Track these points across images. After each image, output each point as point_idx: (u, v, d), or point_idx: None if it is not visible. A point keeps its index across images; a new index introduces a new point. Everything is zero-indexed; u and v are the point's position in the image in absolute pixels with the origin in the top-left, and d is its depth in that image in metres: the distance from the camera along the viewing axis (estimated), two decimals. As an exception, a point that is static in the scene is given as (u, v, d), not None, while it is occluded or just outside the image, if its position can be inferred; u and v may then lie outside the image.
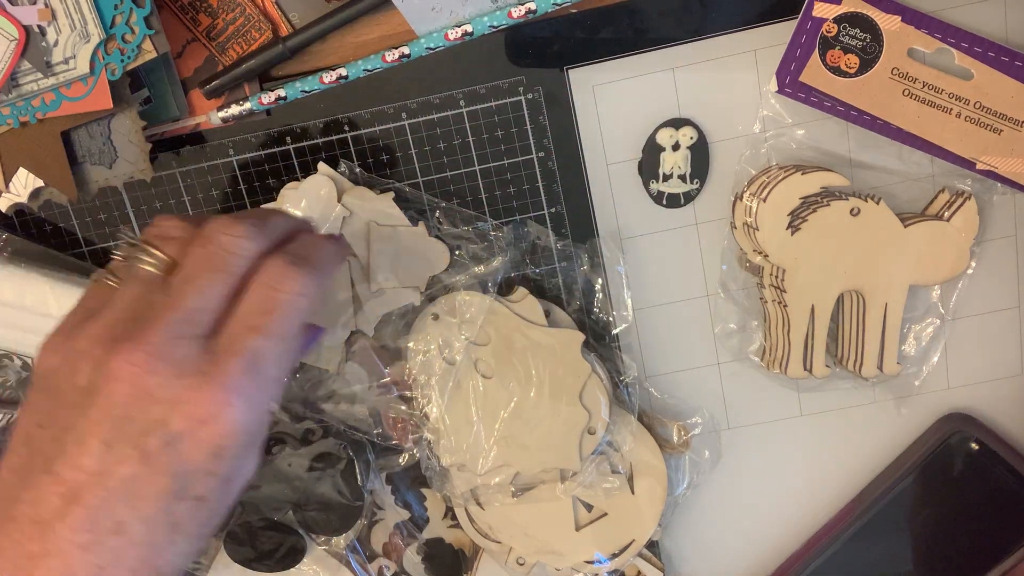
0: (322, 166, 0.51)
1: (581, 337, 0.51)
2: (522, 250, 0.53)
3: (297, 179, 0.52)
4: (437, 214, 0.52)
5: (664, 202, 0.52)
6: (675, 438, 0.54)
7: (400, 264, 0.51)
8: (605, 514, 0.54)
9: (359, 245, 0.51)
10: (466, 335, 0.51)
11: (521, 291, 0.52)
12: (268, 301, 0.37)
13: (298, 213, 0.50)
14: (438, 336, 0.52)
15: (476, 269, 0.52)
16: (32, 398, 0.37)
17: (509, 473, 0.52)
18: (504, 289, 0.53)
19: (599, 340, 0.54)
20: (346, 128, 0.51)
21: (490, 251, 0.52)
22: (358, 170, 0.52)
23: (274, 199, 0.52)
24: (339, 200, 0.51)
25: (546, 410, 0.51)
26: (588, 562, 0.54)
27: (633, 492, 0.53)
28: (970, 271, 0.52)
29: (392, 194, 0.51)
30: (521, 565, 0.54)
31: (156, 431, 0.35)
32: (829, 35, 0.47)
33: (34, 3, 0.45)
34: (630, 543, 0.54)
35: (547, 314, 0.52)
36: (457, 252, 0.52)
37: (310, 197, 0.50)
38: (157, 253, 0.38)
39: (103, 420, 0.35)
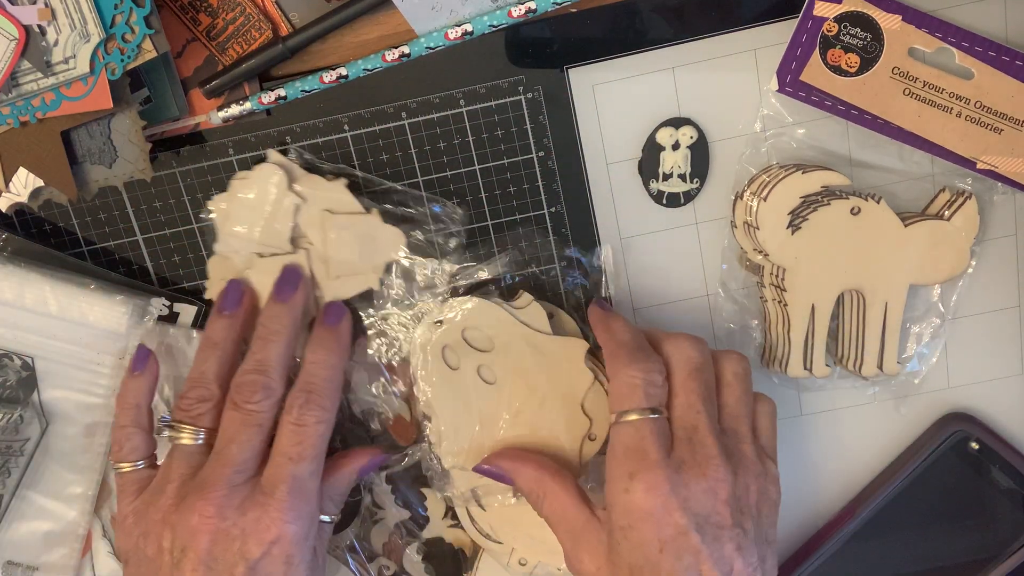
0: (272, 154, 0.51)
1: (585, 346, 0.51)
2: (523, 251, 0.53)
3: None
4: (392, 198, 0.52)
5: (664, 201, 0.52)
6: None
7: (356, 250, 0.51)
8: None
9: (314, 233, 0.51)
10: (469, 341, 0.51)
11: (525, 296, 0.52)
12: (295, 434, 0.47)
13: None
14: (442, 340, 0.51)
15: (434, 258, 0.52)
16: (128, 574, 0.48)
17: None
18: (507, 293, 0.53)
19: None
20: (346, 128, 0.51)
21: (446, 231, 0.52)
22: (307, 156, 0.52)
23: (274, 199, 0.52)
24: (291, 188, 0.51)
25: (548, 417, 0.51)
26: None
27: None
28: (970, 271, 0.52)
29: (344, 180, 0.51)
30: (523, 565, 0.54)
31: (240, 561, 0.45)
32: (830, 34, 0.47)
33: (34, 3, 0.45)
34: None
35: (551, 317, 0.52)
36: (413, 235, 0.52)
37: (261, 186, 0.51)
38: (196, 429, 0.48)
39: (197, 567, 0.45)
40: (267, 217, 0.51)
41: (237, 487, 0.46)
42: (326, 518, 0.50)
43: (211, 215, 0.52)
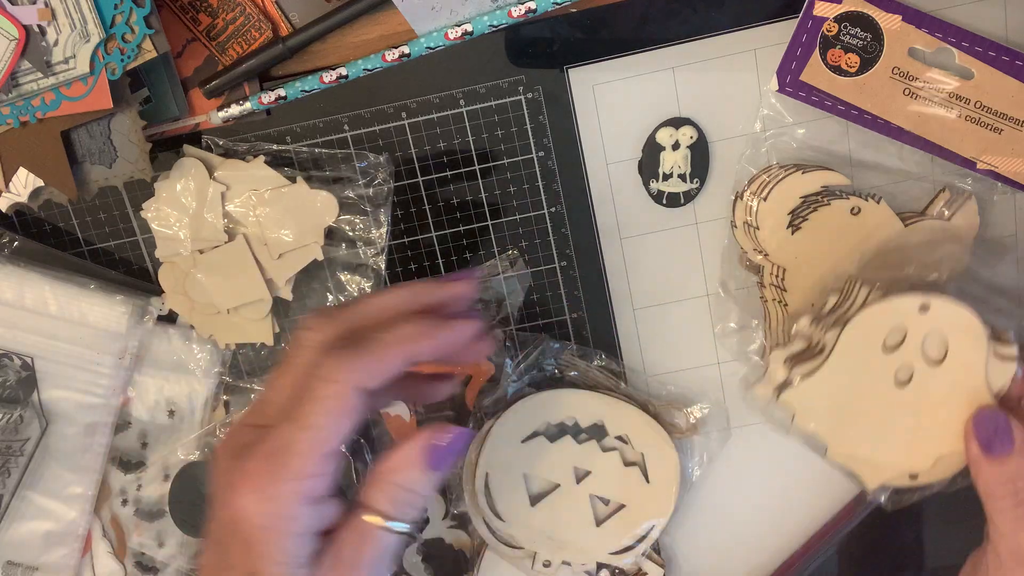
0: (187, 148, 0.51)
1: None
2: (523, 251, 0.53)
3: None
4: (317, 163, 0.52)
5: (664, 201, 0.52)
6: (683, 423, 0.54)
7: (291, 222, 0.51)
8: (623, 506, 0.54)
9: (246, 215, 0.51)
10: None
11: None
12: (308, 390, 0.36)
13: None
14: None
15: (364, 193, 0.52)
16: None
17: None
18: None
19: (600, 338, 0.54)
20: (346, 128, 0.51)
21: (375, 183, 0.52)
22: (221, 142, 0.51)
23: (274, 199, 0.52)
24: (212, 177, 0.51)
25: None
26: (614, 553, 0.54)
27: (648, 480, 0.53)
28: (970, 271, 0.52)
29: (262, 157, 0.51)
30: (547, 567, 0.54)
31: (227, 523, 0.36)
32: (830, 34, 0.47)
33: (34, 3, 0.45)
34: (651, 528, 0.54)
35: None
36: (343, 195, 0.52)
37: (182, 183, 0.51)
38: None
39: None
40: (195, 211, 0.51)
41: (244, 427, 0.38)
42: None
43: (154, 224, 0.52)
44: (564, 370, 0.54)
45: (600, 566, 0.55)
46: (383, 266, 0.53)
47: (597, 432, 0.54)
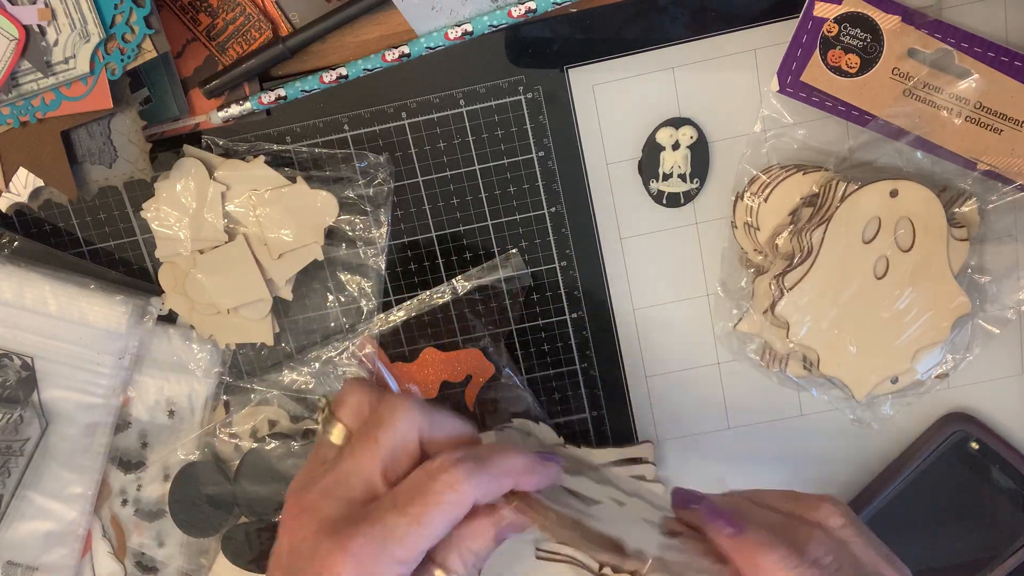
0: (187, 148, 0.51)
1: None
2: (523, 251, 0.53)
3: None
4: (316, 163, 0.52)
5: (664, 201, 0.52)
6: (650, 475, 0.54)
7: (291, 222, 0.51)
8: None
9: (246, 215, 0.51)
10: None
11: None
12: (419, 487, 0.38)
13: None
14: None
15: (365, 193, 0.52)
16: None
17: None
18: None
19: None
20: (346, 128, 0.51)
21: (375, 183, 0.52)
22: (221, 142, 0.51)
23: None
24: (212, 177, 0.51)
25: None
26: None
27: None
28: (969, 271, 0.52)
29: (262, 158, 0.51)
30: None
31: None
32: (830, 35, 0.47)
33: (34, 3, 0.45)
34: None
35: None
36: (343, 195, 0.52)
37: (182, 182, 0.51)
38: (336, 422, 0.42)
39: (276, 569, 0.39)
40: (195, 211, 0.51)
41: (329, 498, 0.39)
42: None
43: (154, 224, 0.52)
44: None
45: (600, 564, 0.54)
46: (383, 266, 0.53)
47: None
